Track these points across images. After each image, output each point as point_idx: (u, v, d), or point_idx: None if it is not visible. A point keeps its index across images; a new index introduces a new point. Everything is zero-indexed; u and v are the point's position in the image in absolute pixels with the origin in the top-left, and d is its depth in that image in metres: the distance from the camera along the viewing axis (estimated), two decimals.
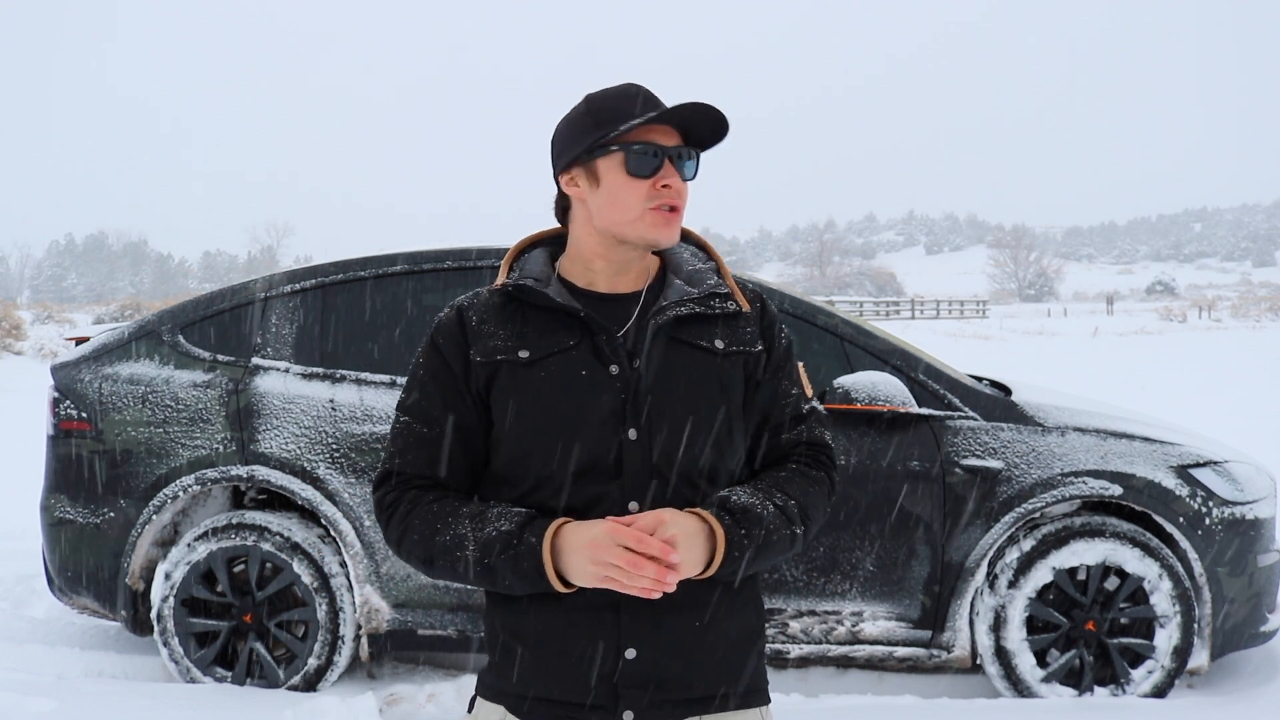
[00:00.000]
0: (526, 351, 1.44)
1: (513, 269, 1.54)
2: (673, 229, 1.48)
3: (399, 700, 3.77)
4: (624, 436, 1.41)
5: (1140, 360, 20.20)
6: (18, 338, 19.71)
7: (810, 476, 1.52)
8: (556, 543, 1.34)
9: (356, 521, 3.74)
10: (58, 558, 3.90)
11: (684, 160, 1.47)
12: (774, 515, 1.42)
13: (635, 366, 1.44)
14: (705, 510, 1.39)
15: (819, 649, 3.68)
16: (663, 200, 1.45)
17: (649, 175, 1.45)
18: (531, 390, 1.43)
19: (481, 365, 1.45)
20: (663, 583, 1.29)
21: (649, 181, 1.45)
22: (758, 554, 1.40)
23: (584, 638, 1.40)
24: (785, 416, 1.54)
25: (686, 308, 1.48)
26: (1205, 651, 3.70)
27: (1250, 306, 46.78)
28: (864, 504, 3.63)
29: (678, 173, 1.46)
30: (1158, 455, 3.76)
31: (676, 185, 1.46)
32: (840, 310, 4.05)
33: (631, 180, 1.45)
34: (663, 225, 1.46)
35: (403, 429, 1.49)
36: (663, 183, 1.45)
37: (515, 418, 1.44)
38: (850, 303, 47.13)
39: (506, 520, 1.37)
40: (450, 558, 1.39)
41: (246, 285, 4.02)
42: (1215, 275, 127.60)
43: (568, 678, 1.41)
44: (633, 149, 1.44)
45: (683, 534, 1.33)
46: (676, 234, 1.49)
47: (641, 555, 1.29)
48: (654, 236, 1.47)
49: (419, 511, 1.44)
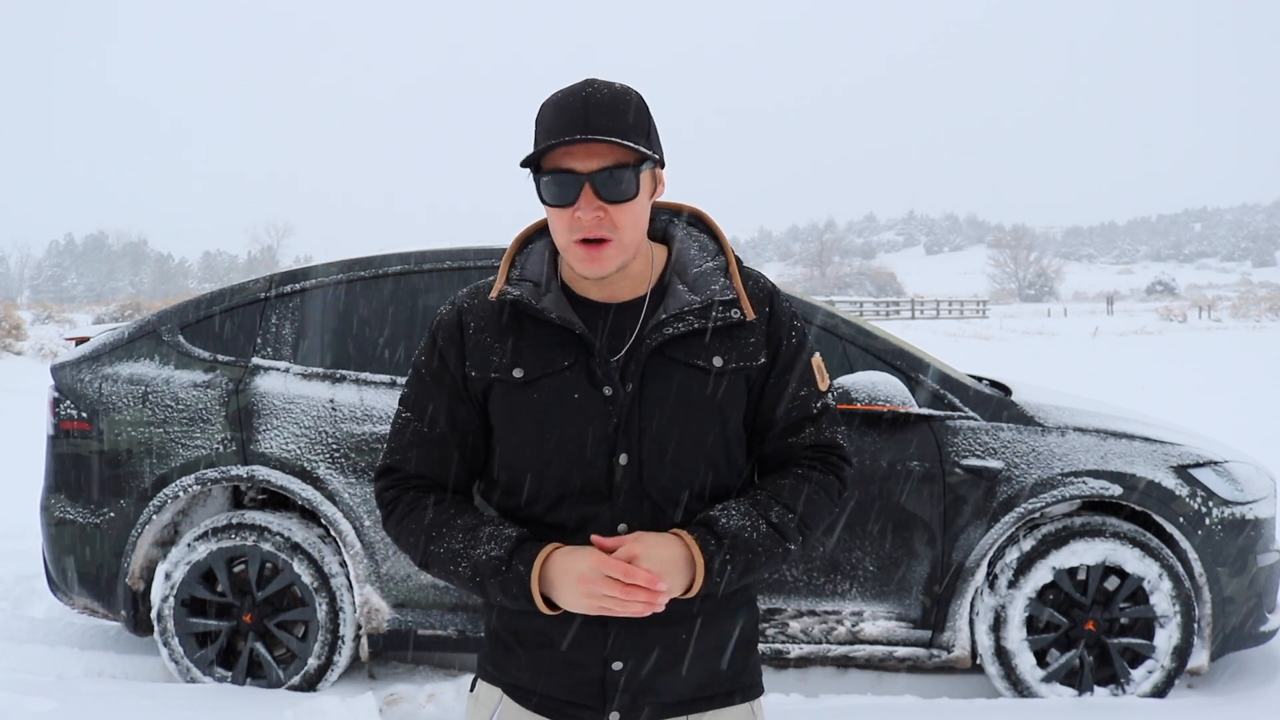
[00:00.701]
0: (521, 371, 1.42)
1: (514, 266, 1.50)
2: (601, 263, 1.37)
3: (399, 700, 3.77)
4: (615, 461, 1.40)
5: (1140, 360, 20.19)
6: (18, 338, 19.70)
7: (816, 481, 1.48)
8: (545, 573, 1.36)
9: (356, 521, 3.74)
10: (58, 558, 3.90)
11: (611, 181, 1.34)
12: (765, 535, 1.40)
13: (629, 390, 1.41)
14: (687, 533, 1.38)
15: (819, 649, 3.68)
16: (584, 232, 1.35)
17: (565, 205, 1.35)
18: (525, 410, 1.43)
19: (477, 380, 1.45)
20: (653, 605, 1.31)
21: (569, 211, 1.35)
22: (742, 575, 1.39)
23: (574, 645, 1.42)
24: (794, 419, 1.50)
25: (685, 322, 1.43)
26: (1205, 651, 3.70)
27: (1250, 306, 46.77)
28: (864, 504, 3.62)
29: (601, 197, 1.34)
30: (1158, 455, 3.76)
31: (593, 214, 1.34)
32: (840, 310, 4.05)
33: (553, 210, 1.38)
34: (588, 260, 1.37)
35: (404, 425, 1.50)
36: (577, 213, 1.34)
37: (509, 435, 1.44)
38: (850, 303, 47.10)
39: (497, 545, 1.38)
40: (445, 570, 1.42)
41: (246, 285, 4.02)
42: (1215, 275, 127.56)
43: (558, 677, 1.43)
44: (543, 179, 1.36)
45: (660, 564, 1.33)
46: (610, 265, 1.38)
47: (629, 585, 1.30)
48: (581, 270, 1.39)
49: (415, 516, 1.45)
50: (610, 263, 1.38)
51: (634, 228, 1.39)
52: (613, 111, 1.34)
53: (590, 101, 1.34)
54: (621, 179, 1.34)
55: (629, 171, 1.35)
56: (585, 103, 1.34)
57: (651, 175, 1.41)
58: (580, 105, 1.34)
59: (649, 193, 1.42)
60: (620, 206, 1.36)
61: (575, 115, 1.33)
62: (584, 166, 1.34)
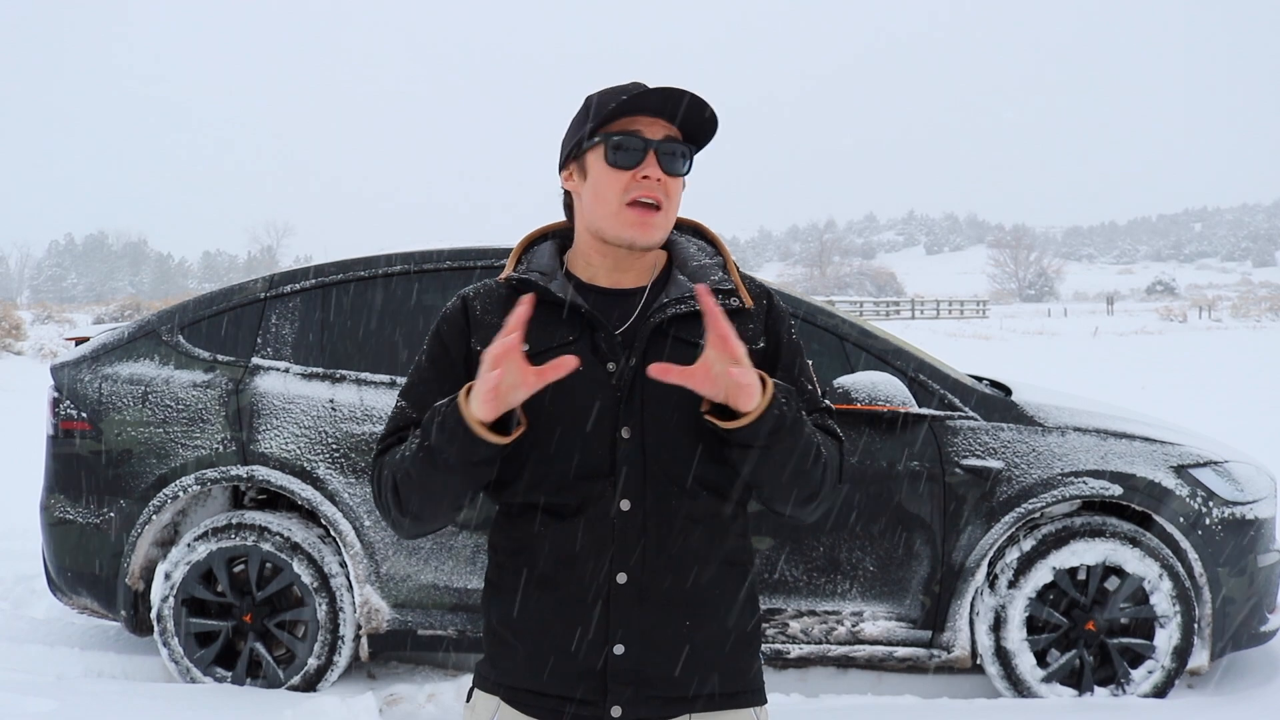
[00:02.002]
0: (527, 345, 1.43)
1: (520, 261, 1.54)
2: (650, 229, 1.43)
3: (399, 700, 3.77)
4: (618, 435, 1.41)
5: (1140, 360, 20.19)
6: (18, 338, 19.70)
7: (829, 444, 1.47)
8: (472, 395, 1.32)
9: (356, 521, 3.74)
10: (58, 558, 3.90)
11: (673, 154, 1.43)
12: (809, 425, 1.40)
13: (632, 364, 1.43)
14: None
15: (819, 649, 3.68)
16: (641, 193, 1.41)
17: (629, 166, 1.41)
18: None
19: (482, 354, 1.45)
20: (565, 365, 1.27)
21: (629, 173, 1.42)
22: (791, 430, 1.35)
23: (573, 631, 1.41)
24: None
25: (687, 305, 1.46)
26: (1205, 651, 3.70)
27: (1250, 306, 46.78)
28: (864, 504, 3.62)
29: (661, 166, 1.42)
30: (1158, 455, 3.76)
31: (656, 177, 1.42)
32: (840, 310, 4.05)
33: (611, 171, 1.42)
34: (637, 225, 1.43)
35: (398, 414, 1.51)
36: (642, 174, 1.41)
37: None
38: (850, 303, 47.14)
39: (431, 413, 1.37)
40: (404, 470, 1.38)
41: (246, 285, 4.02)
42: (1215, 275, 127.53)
43: (557, 670, 1.42)
44: (613, 139, 1.42)
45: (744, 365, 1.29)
46: (656, 234, 1.45)
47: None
48: (629, 236, 1.44)
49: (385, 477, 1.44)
50: (657, 231, 1.45)
51: (676, 207, 1.48)
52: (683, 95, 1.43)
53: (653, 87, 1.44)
54: (683, 153, 1.45)
55: (687, 148, 1.46)
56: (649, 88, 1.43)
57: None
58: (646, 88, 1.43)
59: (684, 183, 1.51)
60: (674, 180, 1.45)
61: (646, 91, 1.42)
62: (651, 134, 1.43)
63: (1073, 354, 22.44)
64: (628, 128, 1.42)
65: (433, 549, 3.73)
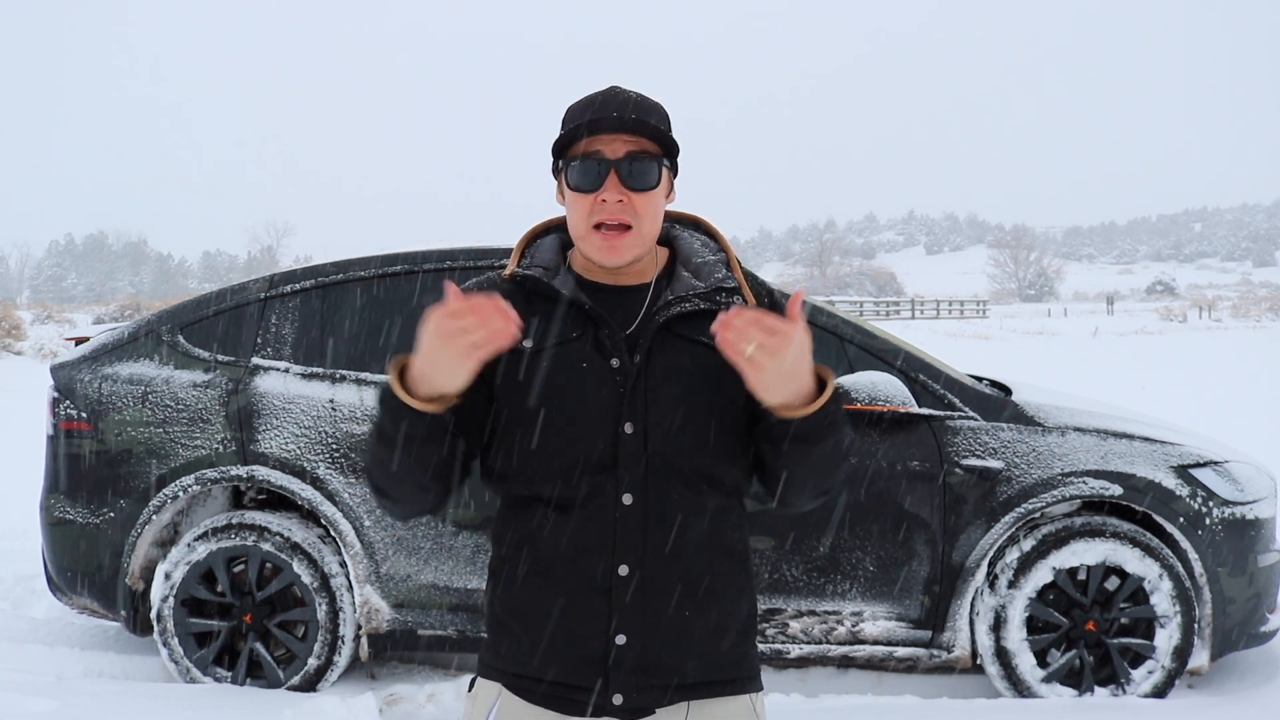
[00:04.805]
0: (531, 340, 1.45)
1: (524, 256, 1.55)
2: (616, 252, 1.44)
3: (399, 700, 3.77)
4: (621, 430, 1.42)
5: (1140, 360, 20.18)
6: (18, 338, 19.70)
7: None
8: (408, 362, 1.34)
9: (356, 521, 3.74)
10: (58, 558, 3.90)
11: (638, 170, 1.42)
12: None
13: (636, 361, 1.44)
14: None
15: (819, 649, 3.68)
16: (603, 216, 1.42)
17: (590, 190, 1.42)
18: (532, 378, 1.44)
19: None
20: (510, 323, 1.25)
21: (591, 197, 1.42)
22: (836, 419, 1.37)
23: (576, 620, 1.42)
24: None
25: (691, 303, 1.47)
26: (1205, 651, 3.70)
27: (1250, 306, 46.80)
28: (864, 504, 3.62)
29: (626, 185, 1.41)
30: (1158, 455, 3.76)
31: (617, 199, 1.41)
32: (840, 310, 4.05)
33: (575, 195, 1.44)
34: (604, 249, 1.43)
35: None
36: (601, 198, 1.41)
37: (514, 405, 1.45)
38: (850, 303, 47.05)
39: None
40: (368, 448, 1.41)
41: (246, 285, 4.02)
42: (1215, 275, 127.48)
43: (559, 658, 1.43)
44: (572, 164, 1.43)
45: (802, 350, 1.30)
46: (626, 255, 1.45)
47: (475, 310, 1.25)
48: (599, 258, 1.45)
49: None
50: (627, 252, 1.44)
51: (653, 220, 1.46)
52: (641, 107, 1.45)
53: (621, 95, 1.45)
54: (646, 167, 1.43)
55: (653, 161, 1.43)
56: (616, 96, 1.45)
57: (669, 176, 1.49)
58: (611, 97, 1.44)
59: (666, 190, 1.49)
60: (643, 195, 1.43)
61: (607, 106, 1.43)
62: (611, 153, 1.42)
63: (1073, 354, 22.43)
64: (588, 149, 1.42)
65: (433, 549, 3.73)
